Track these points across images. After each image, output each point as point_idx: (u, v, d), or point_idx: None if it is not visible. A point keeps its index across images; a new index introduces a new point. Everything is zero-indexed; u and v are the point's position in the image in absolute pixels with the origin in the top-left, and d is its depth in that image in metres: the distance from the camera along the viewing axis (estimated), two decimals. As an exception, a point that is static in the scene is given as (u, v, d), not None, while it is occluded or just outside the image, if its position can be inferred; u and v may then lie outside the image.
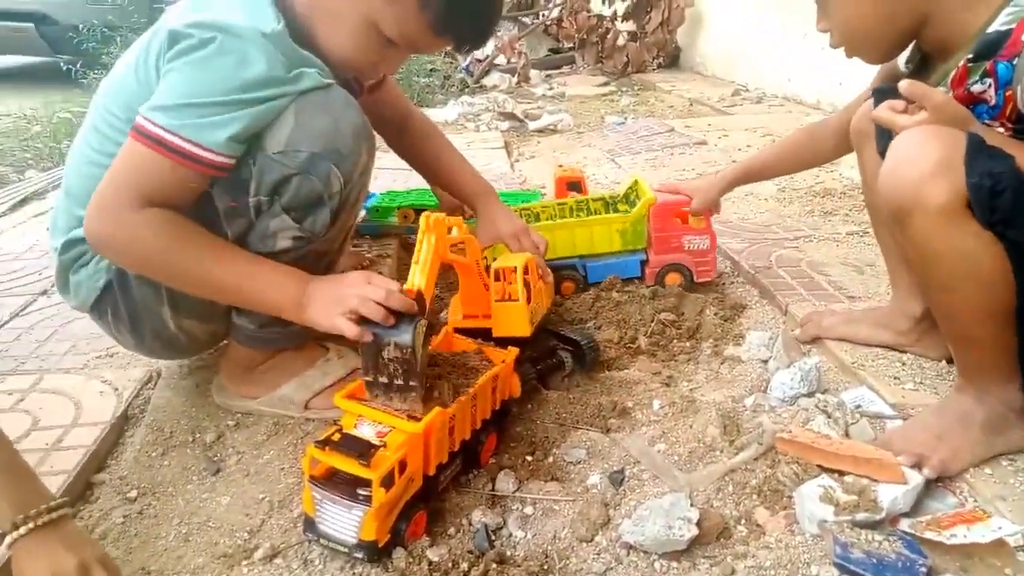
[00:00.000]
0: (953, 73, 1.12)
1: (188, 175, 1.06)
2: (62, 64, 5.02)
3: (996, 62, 1.04)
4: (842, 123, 1.52)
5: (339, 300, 1.08)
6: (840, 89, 3.76)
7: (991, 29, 1.05)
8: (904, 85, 1.04)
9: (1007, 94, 1.04)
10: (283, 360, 1.37)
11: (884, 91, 1.29)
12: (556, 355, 1.46)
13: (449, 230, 1.24)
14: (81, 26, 5.31)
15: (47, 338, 1.65)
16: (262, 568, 1.02)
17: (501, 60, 5.82)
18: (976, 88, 1.08)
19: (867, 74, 1.44)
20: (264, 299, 1.15)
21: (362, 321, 1.06)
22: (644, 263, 1.81)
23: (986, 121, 1.08)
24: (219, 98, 1.04)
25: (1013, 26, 1.02)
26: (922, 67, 1.24)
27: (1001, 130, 1.07)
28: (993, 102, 1.07)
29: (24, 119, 4.38)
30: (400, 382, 1.05)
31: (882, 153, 1.34)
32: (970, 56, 1.08)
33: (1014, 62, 1.01)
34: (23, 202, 2.74)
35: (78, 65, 4.75)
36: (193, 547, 1.06)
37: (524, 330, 1.37)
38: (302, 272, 1.15)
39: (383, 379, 1.06)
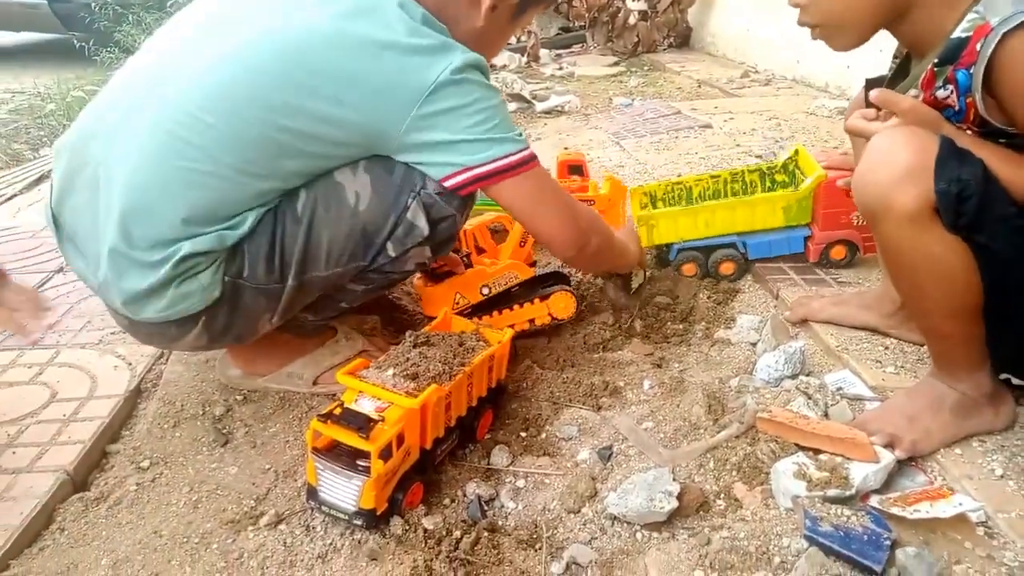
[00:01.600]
0: (924, 75, 1.13)
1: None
2: (75, 41, 5.06)
3: (956, 70, 1.05)
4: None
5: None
6: (848, 72, 3.75)
7: (955, 34, 1.05)
8: (874, 94, 1.07)
9: (968, 101, 1.06)
10: (291, 338, 1.42)
11: (876, 82, 1.31)
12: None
13: None
14: (94, 4, 5.35)
15: (63, 314, 1.71)
16: (267, 533, 1.08)
17: (511, 39, 5.81)
18: (940, 93, 1.09)
19: (874, 59, 1.43)
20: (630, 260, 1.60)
21: None
22: (808, 239, 1.76)
23: (954, 124, 1.09)
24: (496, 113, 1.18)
25: (971, 34, 1.02)
26: (905, 65, 1.25)
27: (969, 132, 1.08)
28: (956, 107, 1.08)
29: (38, 97, 4.43)
30: None
31: None
32: (936, 60, 1.08)
33: (970, 71, 1.02)
34: (39, 180, 2.80)
35: (91, 43, 4.80)
36: (202, 513, 1.13)
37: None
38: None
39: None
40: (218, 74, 1.09)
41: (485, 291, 1.56)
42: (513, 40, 5.81)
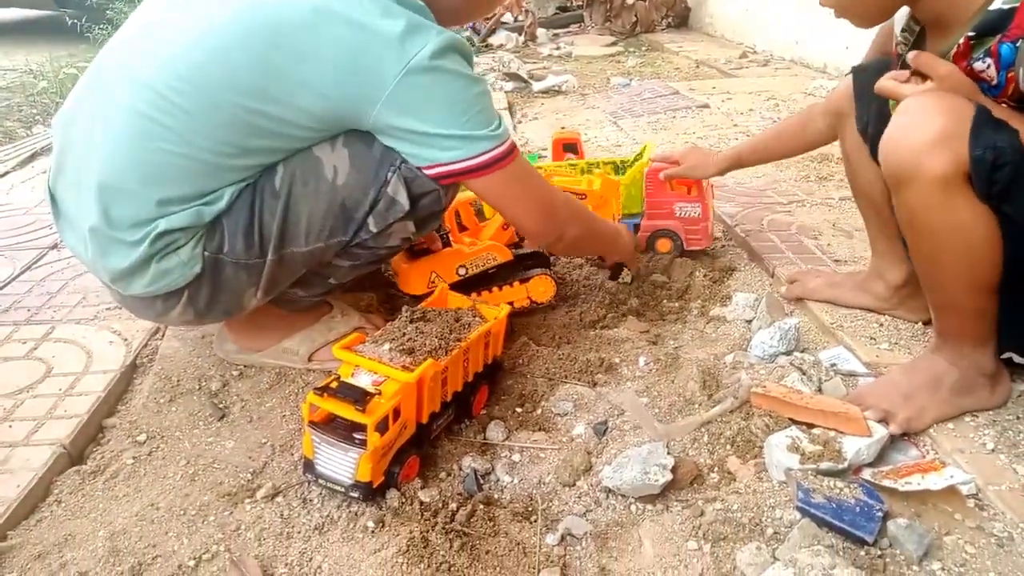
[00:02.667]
0: (955, 49, 1.11)
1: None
2: (67, 18, 5.01)
3: (1000, 43, 1.03)
4: (831, 106, 1.54)
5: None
6: (847, 53, 3.74)
7: (994, 7, 1.03)
8: (912, 56, 1.05)
9: (1009, 75, 1.04)
10: (288, 313, 1.42)
11: (866, 68, 1.31)
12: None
13: None
14: (86, -20, 5.29)
15: (58, 290, 1.71)
16: (264, 506, 1.09)
17: (508, 19, 5.77)
18: (977, 66, 1.07)
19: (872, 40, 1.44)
20: (621, 248, 1.59)
21: None
22: (637, 228, 1.83)
23: (990, 97, 1.08)
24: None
25: (1017, 5, 1.00)
26: (920, 40, 1.24)
27: (1005, 105, 1.07)
28: (995, 81, 1.06)
29: (30, 74, 4.39)
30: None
31: (862, 130, 1.36)
32: (972, 33, 1.06)
33: (1017, 44, 1.01)
34: (32, 158, 2.78)
35: (83, 19, 4.74)
36: (199, 486, 1.13)
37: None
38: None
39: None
40: (189, 54, 1.08)
41: (462, 272, 1.56)
42: (510, 20, 5.77)
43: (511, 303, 1.61)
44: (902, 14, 1.24)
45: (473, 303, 1.35)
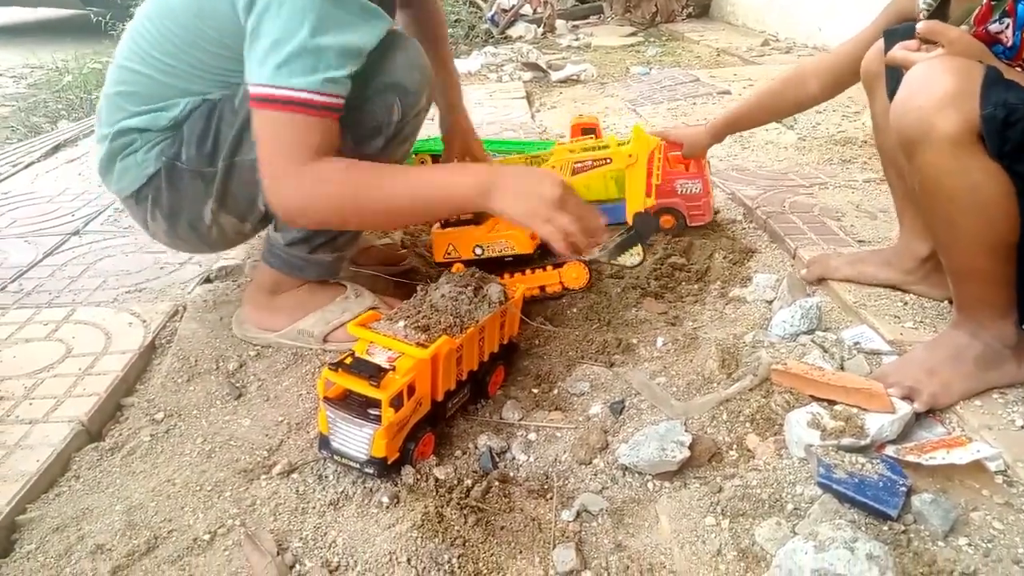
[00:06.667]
0: (977, 11, 1.10)
1: (328, 122, 1.14)
2: (92, 16, 5.07)
3: (1018, 1, 1.02)
4: (827, 65, 1.51)
5: (536, 199, 1.15)
6: (871, 38, 3.67)
7: None
8: (920, 26, 1.04)
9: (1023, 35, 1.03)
10: (303, 294, 1.43)
11: (896, 32, 1.28)
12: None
13: None
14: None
15: (79, 275, 1.73)
16: (280, 482, 1.09)
17: (527, 10, 5.75)
18: (994, 28, 1.06)
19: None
20: (451, 194, 1.19)
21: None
22: None
23: (1003, 60, 1.07)
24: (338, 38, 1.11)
25: None
26: (943, 6, 1.22)
27: (1019, 70, 1.06)
28: (1009, 43, 1.05)
29: (56, 71, 4.45)
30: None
31: (891, 95, 1.33)
32: None
33: None
34: (56, 149, 2.82)
35: (107, 17, 4.80)
36: (216, 462, 1.14)
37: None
38: (477, 164, 1.33)
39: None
40: None
41: (478, 251, 1.59)
42: (529, 11, 5.74)
43: (542, 287, 1.60)
44: None
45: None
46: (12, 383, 1.29)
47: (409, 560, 0.91)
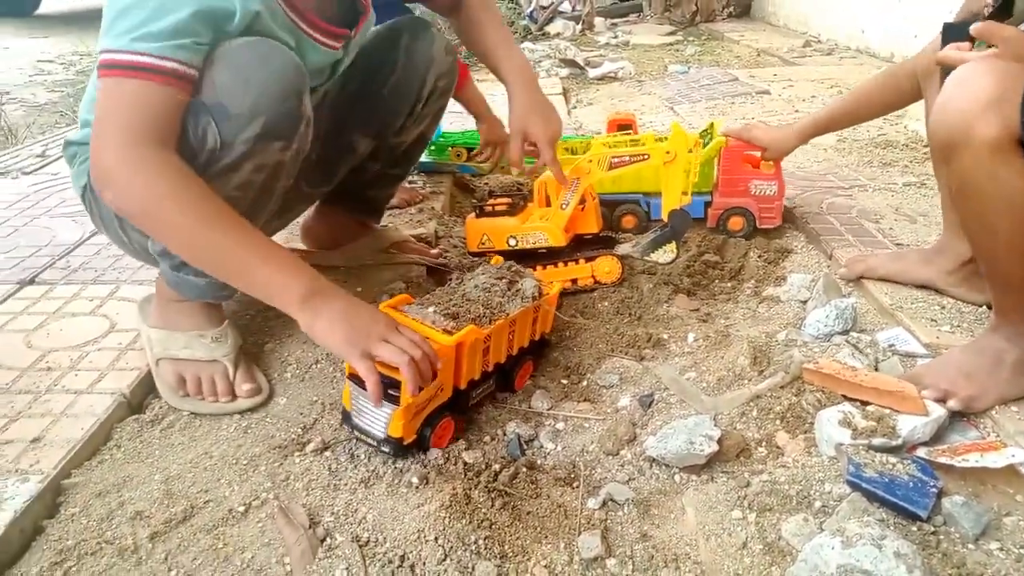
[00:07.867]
0: None
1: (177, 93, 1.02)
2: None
3: None
4: (917, 66, 1.49)
5: (361, 334, 1.02)
6: (915, 42, 3.61)
7: None
8: (975, 27, 1.03)
9: None
10: (185, 306, 1.31)
11: (954, 26, 1.26)
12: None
13: None
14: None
15: (123, 254, 1.76)
16: (313, 458, 1.11)
17: (566, 7, 5.74)
18: None
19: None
20: (270, 293, 1.03)
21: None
22: (708, 205, 1.82)
23: None
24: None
25: None
26: (1005, 6, 1.20)
27: None
28: None
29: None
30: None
31: None
32: None
33: None
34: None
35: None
36: (252, 438, 1.16)
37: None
38: (313, 271, 1.05)
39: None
40: None
41: (512, 242, 1.60)
42: (568, 8, 5.74)
43: (574, 280, 1.61)
44: None
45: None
46: (59, 355, 1.34)
47: (436, 539, 0.93)
